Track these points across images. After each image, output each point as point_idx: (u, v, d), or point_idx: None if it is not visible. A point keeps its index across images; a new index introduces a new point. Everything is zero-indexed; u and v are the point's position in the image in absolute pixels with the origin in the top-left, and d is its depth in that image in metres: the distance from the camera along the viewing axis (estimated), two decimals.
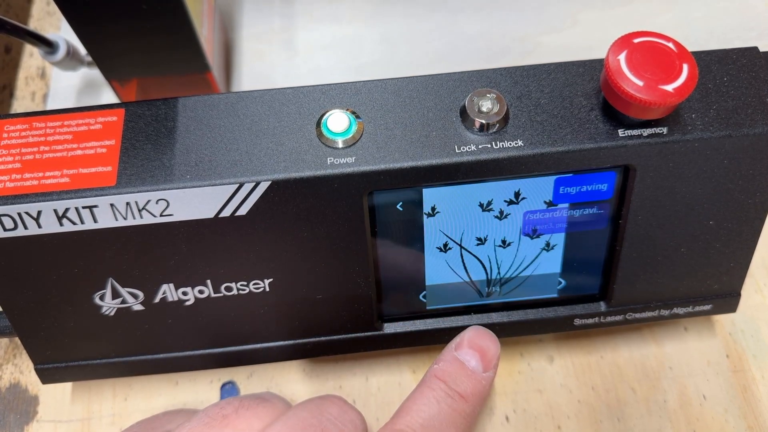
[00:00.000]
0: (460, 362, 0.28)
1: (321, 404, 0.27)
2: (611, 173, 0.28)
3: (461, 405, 0.27)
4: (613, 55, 0.26)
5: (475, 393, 0.27)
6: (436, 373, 0.27)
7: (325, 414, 0.26)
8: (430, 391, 0.27)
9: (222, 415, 0.26)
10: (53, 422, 0.35)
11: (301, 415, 0.26)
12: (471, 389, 0.27)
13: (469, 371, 0.27)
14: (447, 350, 0.29)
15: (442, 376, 0.27)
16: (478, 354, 0.28)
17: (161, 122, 0.28)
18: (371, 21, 0.45)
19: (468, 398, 0.27)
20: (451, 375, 0.27)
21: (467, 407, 0.27)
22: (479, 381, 0.27)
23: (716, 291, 0.32)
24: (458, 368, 0.28)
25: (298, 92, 0.28)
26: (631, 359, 0.35)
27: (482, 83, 0.28)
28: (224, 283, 0.29)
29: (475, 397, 0.27)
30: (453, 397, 0.27)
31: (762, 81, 0.28)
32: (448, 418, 0.26)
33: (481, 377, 0.28)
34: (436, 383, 0.27)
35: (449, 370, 0.27)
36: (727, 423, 0.33)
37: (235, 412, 0.26)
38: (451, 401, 0.27)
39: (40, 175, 0.27)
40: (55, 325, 0.30)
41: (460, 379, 0.27)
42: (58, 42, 0.39)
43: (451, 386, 0.27)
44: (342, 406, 0.27)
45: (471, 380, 0.27)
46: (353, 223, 0.28)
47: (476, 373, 0.28)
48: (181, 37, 0.35)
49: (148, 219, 0.27)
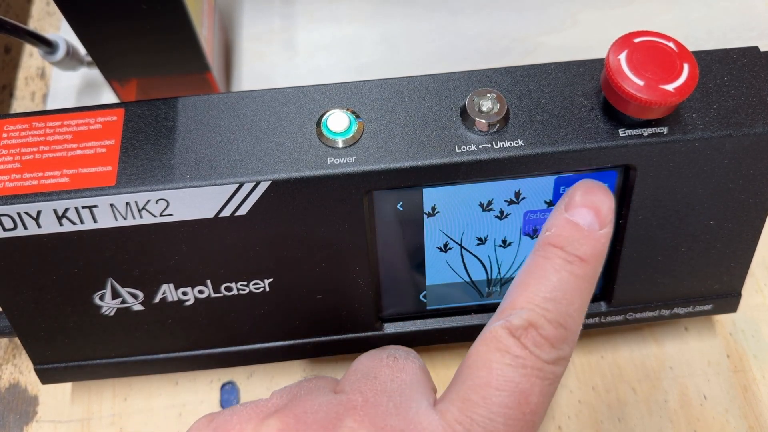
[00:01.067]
0: (573, 223, 0.25)
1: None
2: (612, 173, 0.28)
3: (583, 270, 0.24)
4: (614, 55, 0.26)
5: (594, 254, 0.24)
6: (550, 240, 0.25)
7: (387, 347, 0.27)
8: (546, 261, 0.24)
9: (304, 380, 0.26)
10: (53, 422, 0.35)
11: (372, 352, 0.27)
12: (590, 250, 0.24)
13: (585, 231, 0.24)
14: (557, 213, 0.25)
15: (558, 242, 0.24)
16: (593, 211, 0.25)
17: (161, 122, 0.28)
18: (371, 21, 0.45)
19: (589, 260, 0.24)
20: (567, 239, 0.24)
21: (589, 270, 0.24)
22: (598, 240, 0.25)
23: (717, 291, 0.32)
24: (573, 230, 0.25)
25: (298, 92, 0.28)
26: (631, 359, 0.35)
27: (482, 83, 0.28)
28: (224, 283, 0.29)
29: (594, 258, 0.24)
30: (573, 263, 0.24)
31: (762, 81, 0.28)
32: (572, 285, 0.24)
33: (599, 235, 0.25)
34: (551, 251, 0.24)
35: (564, 234, 0.25)
36: (727, 423, 0.33)
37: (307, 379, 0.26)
38: (572, 267, 0.24)
39: (40, 175, 0.27)
40: (54, 326, 0.30)
41: (577, 242, 0.24)
42: (57, 42, 0.39)
43: (569, 251, 0.24)
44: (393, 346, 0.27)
45: (590, 241, 0.24)
46: (353, 223, 0.28)
47: (593, 231, 0.25)
48: (181, 37, 0.35)
49: (147, 219, 0.27)
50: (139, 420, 0.34)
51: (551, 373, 0.23)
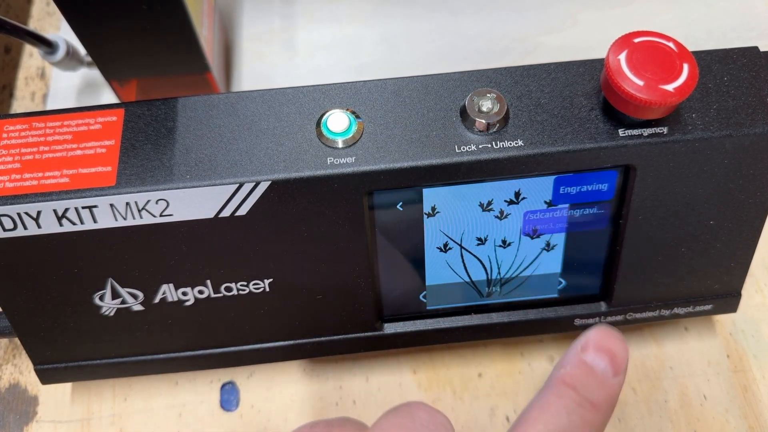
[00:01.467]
0: (588, 366, 0.25)
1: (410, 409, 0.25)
2: (612, 173, 0.28)
3: (594, 415, 0.24)
4: (614, 55, 0.26)
5: (607, 401, 0.24)
6: (565, 378, 0.25)
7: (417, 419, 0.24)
8: (559, 400, 0.24)
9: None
10: (53, 422, 0.35)
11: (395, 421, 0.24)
12: (603, 397, 0.24)
13: (600, 377, 0.25)
14: (572, 352, 0.26)
15: (571, 382, 0.24)
16: (608, 357, 0.25)
17: (161, 122, 0.28)
18: (371, 21, 0.45)
19: (600, 407, 0.24)
20: (581, 381, 0.24)
21: (599, 417, 0.24)
22: (611, 387, 0.25)
23: (717, 291, 0.32)
24: (587, 373, 0.25)
25: (297, 92, 0.28)
26: (631, 359, 0.35)
27: (482, 83, 0.28)
28: (224, 283, 0.29)
29: (607, 405, 0.24)
30: (584, 407, 0.24)
31: (762, 81, 0.28)
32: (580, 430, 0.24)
33: (613, 383, 0.25)
34: (565, 390, 0.24)
35: (578, 375, 0.25)
36: (727, 423, 0.33)
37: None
38: (583, 411, 0.24)
39: (40, 175, 0.27)
40: (54, 326, 0.30)
41: (591, 387, 0.24)
42: (57, 42, 0.39)
43: (581, 394, 0.24)
44: (429, 410, 0.25)
45: (603, 387, 0.24)
46: (353, 223, 0.28)
47: (607, 378, 0.25)
48: (181, 38, 0.35)
49: (147, 219, 0.27)
50: (139, 420, 0.34)
51: None
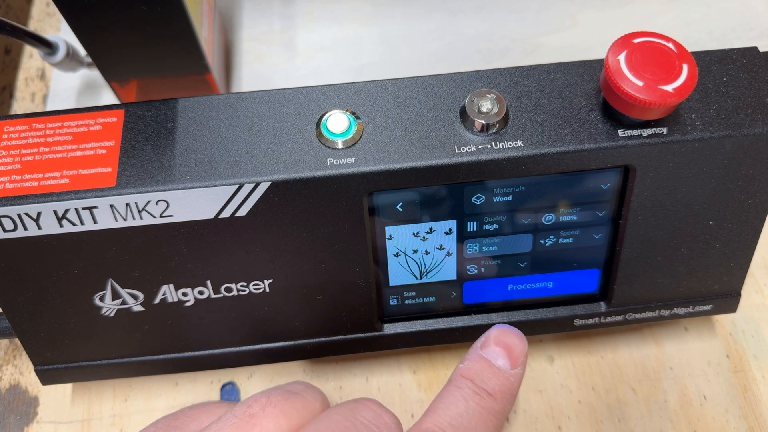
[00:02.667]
0: (486, 360, 0.27)
1: (355, 407, 0.26)
2: (611, 173, 0.28)
3: (490, 403, 0.26)
4: (613, 56, 0.26)
5: (503, 390, 0.27)
6: (462, 372, 0.27)
7: (359, 417, 0.25)
8: (457, 390, 0.26)
9: (249, 414, 0.25)
10: (53, 423, 0.35)
11: (334, 418, 0.25)
12: (499, 387, 0.26)
13: (496, 369, 0.27)
14: (472, 349, 0.28)
15: (469, 375, 0.27)
16: (505, 351, 0.27)
17: (161, 123, 0.28)
18: (371, 22, 0.45)
19: (496, 396, 0.26)
20: (477, 373, 0.27)
21: (496, 405, 0.26)
22: (507, 378, 0.27)
23: (716, 291, 0.32)
24: (485, 366, 0.27)
25: (297, 93, 0.28)
26: (631, 359, 0.35)
27: (482, 84, 0.28)
28: (224, 283, 0.29)
29: (503, 394, 0.26)
30: (481, 395, 0.26)
31: (762, 81, 0.28)
32: (477, 416, 0.26)
33: (509, 374, 0.27)
34: (462, 382, 0.26)
35: (475, 368, 0.27)
36: (727, 423, 0.33)
37: (262, 410, 0.25)
38: (479, 399, 0.26)
39: (40, 176, 0.27)
40: (55, 326, 0.30)
41: (487, 377, 0.27)
42: (57, 43, 0.39)
43: (478, 384, 0.26)
44: (376, 409, 0.26)
45: (499, 378, 0.27)
46: (353, 224, 0.28)
47: (504, 370, 0.27)
48: (181, 38, 0.35)
49: (148, 220, 0.27)
50: (140, 420, 0.34)
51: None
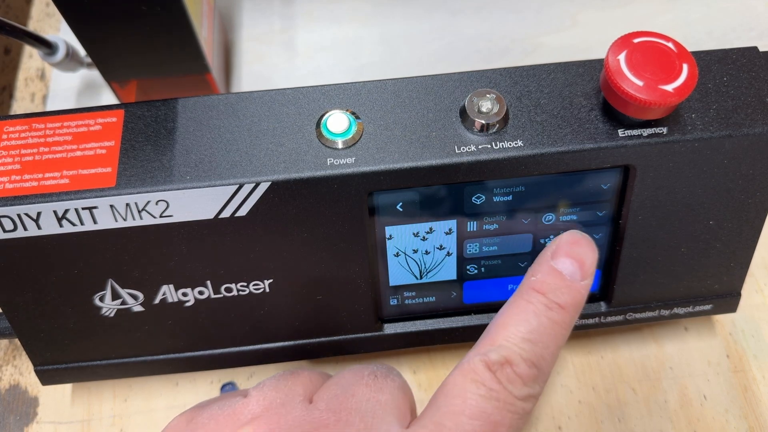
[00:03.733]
0: (557, 272, 0.26)
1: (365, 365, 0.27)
2: (611, 173, 0.28)
3: (561, 316, 0.26)
4: (613, 55, 0.26)
5: (574, 303, 0.26)
6: (534, 285, 0.26)
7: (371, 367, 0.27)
8: (528, 305, 0.26)
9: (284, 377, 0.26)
10: (53, 423, 0.35)
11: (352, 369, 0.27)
12: (570, 299, 0.26)
13: (568, 281, 0.26)
14: (543, 259, 0.27)
15: (541, 288, 0.26)
16: (577, 263, 0.26)
17: (161, 123, 0.28)
18: (371, 22, 0.45)
19: (568, 308, 0.26)
20: (549, 286, 0.26)
21: (567, 318, 0.26)
22: (579, 291, 0.26)
23: (716, 291, 0.32)
24: (557, 278, 0.26)
25: (297, 93, 0.28)
26: (631, 359, 0.35)
27: (482, 83, 0.28)
28: (224, 284, 0.29)
29: (573, 307, 0.26)
30: (553, 309, 0.25)
31: (762, 81, 0.28)
32: (550, 331, 0.25)
33: (579, 286, 0.26)
34: (534, 296, 0.26)
35: (547, 281, 0.26)
36: (728, 423, 0.33)
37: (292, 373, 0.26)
38: (552, 313, 0.25)
39: (40, 176, 0.27)
40: (54, 327, 0.30)
41: (559, 290, 0.26)
42: (57, 43, 0.39)
43: (550, 298, 0.26)
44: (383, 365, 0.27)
45: (571, 290, 0.26)
46: (353, 224, 0.28)
47: (575, 282, 0.26)
48: (181, 39, 0.35)
49: (147, 220, 0.27)
50: (140, 421, 0.34)
51: (521, 408, 0.24)
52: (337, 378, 0.26)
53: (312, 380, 0.27)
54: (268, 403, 0.25)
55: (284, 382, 0.26)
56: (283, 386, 0.26)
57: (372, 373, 0.26)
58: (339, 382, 0.26)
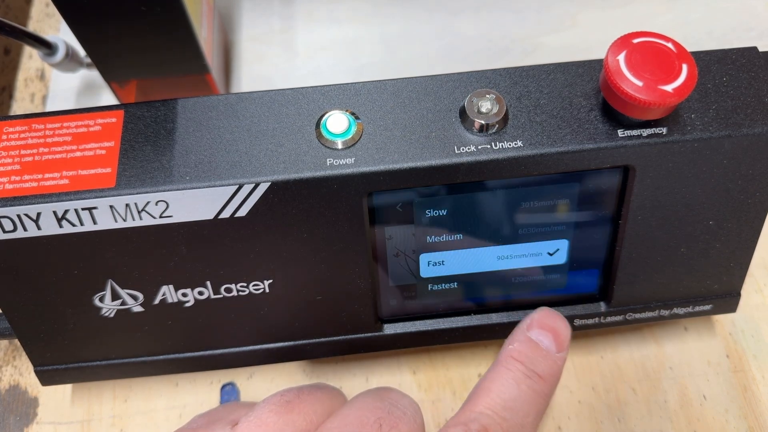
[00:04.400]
0: (534, 342, 0.27)
1: (380, 391, 0.27)
2: (611, 173, 0.28)
3: (540, 386, 0.26)
4: (613, 56, 0.26)
5: (551, 374, 0.27)
6: (513, 354, 0.27)
7: (387, 399, 0.26)
8: (509, 372, 0.26)
9: (285, 401, 0.26)
10: (53, 424, 0.35)
11: (366, 400, 0.26)
12: (548, 370, 0.27)
13: (544, 351, 0.27)
14: (519, 331, 0.28)
15: (519, 357, 0.27)
16: (551, 334, 0.27)
17: (160, 123, 0.28)
18: (371, 22, 0.45)
19: (546, 379, 0.26)
20: (527, 356, 0.27)
21: (546, 388, 0.26)
22: (555, 361, 0.27)
23: (716, 291, 0.32)
24: (533, 349, 0.27)
25: (297, 93, 0.28)
26: (631, 359, 0.35)
27: (481, 84, 0.28)
28: (224, 284, 0.29)
29: (552, 377, 0.27)
30: (532, 378, 0.26)
31: (761, 81, 0.28)
32: (529, 399, 0.26)
33: (556, 358, 0.27)
34: (513, 364, 0.26)
35: (525, 350, 0.27)
36: (727, 423, 0.33)
37: (297, 397, 0.26)
38: (531, 382, 0.26)
39: (40, 176, 0.27)
40: (54, 327, 0.30)
41: (537, 360, 0.27)
42: (57, 44, 0.39)
43: (528, 367, 0.26)
44: (398, 392, 0.27)
45: (547, 361, 0.27)
46: (353, 224, 0.28)
47: (551, 353, 0.27)
48: (180, 39, 0.35)
49: (147, 220, 0.27)
50: (140, 421, 0.34)
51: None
52: (339, 419, 0.26)
53: (308, 416, 0.26)
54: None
55: (274, 420, 0.25)
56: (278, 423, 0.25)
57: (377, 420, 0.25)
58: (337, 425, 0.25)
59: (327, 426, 0.25)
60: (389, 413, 0.25)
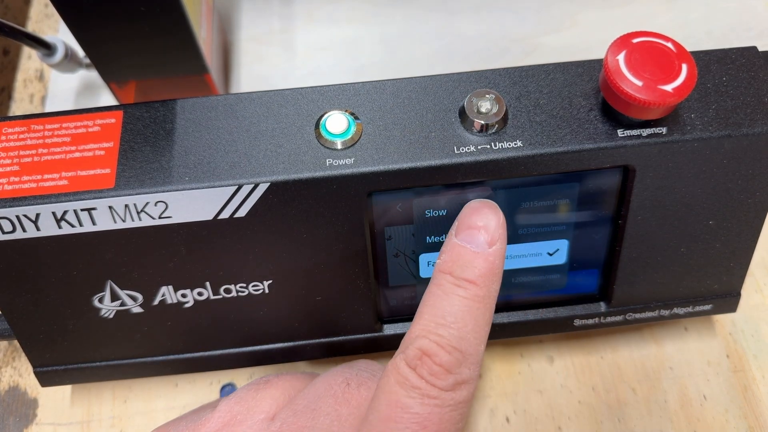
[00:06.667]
0: (461, 246, 0.25)
1: (350, 363, 0.28)
2: (611, 173, 0.28)
3: (474, 291, 0.24)
4: (612, 56, 0.26)
5: (484, 274, 0.25)
6: (440, 267, 0.25)
7: (355, 365, 0.27)
8: (437, 288, 0.25)
9: (265, 381, 0.26)
10: (53, 425, 0.35)
11: (335, 369, 0.27)
12: (479, 271, 0.25)
13: (472, 253, 0.25)
14: (447, 239, 0.26)
15: (445, 268, 0.25)
16: (479, 231, 0.25)
17: (160, 124, 0.28)
18: (370, 22, 0.45)
19: (478, 281, 0.24)
20: (454, 263, 0.25)
21: (480, 291, 0.24)
22: (485, 259, 0.25)
23: (716, 291, 0.32)
24: (460, 254, 0.25)
25: (296, 93, 0.28)
26: (631, 359, 0.35)
27: (481, 84, 0.28)
28: (223, 285, 0.29)
29: (486, 278, 0.25)
30: (462, 286, 0.24)
31: (761, 80, 0.28)
32: (462, 307, 0.24)
33: (488, 254, 0.25)
34: (441, 277, 0.25)
35: (451, 259, 0.25)
36: (727, 423, 0.33)
37: (276, 377, 0.27)
38: (461, 290, 0.24)
39: (39, 177, 0.27)
40: (54, 328, 0.30)
41: (465, 265, 0.25)
42: (56, 44, 0.39)
43: (456, 275, 0.25)
44: (368, 361, 0.28)
45: (477, 261, 0.25)
46: (352, 225, 0.28)
47: (481, 252, 0.25)
48: (180, 39, 0.35)
49: (146, 221, 0.27)
50: (139, 422, 0.34)
51: (451, 399, 0.23)
52: (310, 387, 0.26)
53: (285, 390, 0.26)
54: (229, 419, 0.25)
55: (252, 395, 0.26)
56: (249, 399, 0.26)
57: (345, 380, 0.25)
58: (309, 393, 0.26)
59: (299, 394, 0.26)
60: (357, 374, 0.26)
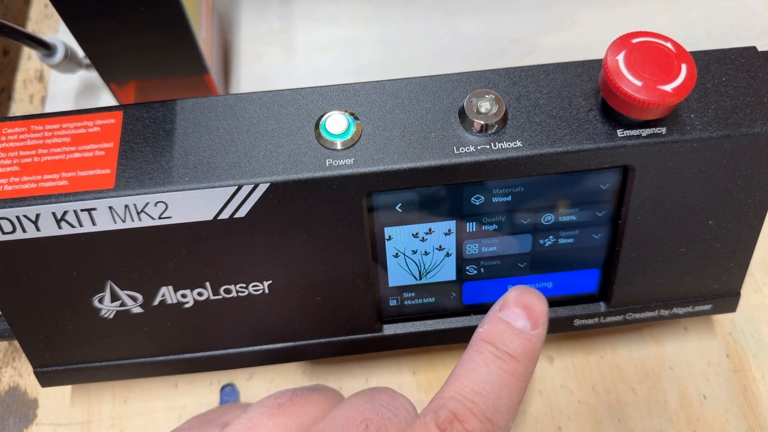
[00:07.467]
0: (505, 322, 0.26)
1: (373, 392, 0.27)
2: (610, 173, 0.28)
3: (512, 365, 0.25)
4: (612, 56, 0.26)
5: (525, 352, 0.26)
6: (482, 336, 0.26)
7: (377, 400, 0.26)
8: (478, 355, 0.25)
9: (278, 404, 0.26)
10: (53, 425, 0.35)
11: (356, 401, 0.26)
12: (521, 348, 0.26)
13: (516, 330, 0.26)
14: (491, 312, 0.27)
15: (488, 338, 0.26)
16: (525, 312, 0.26)
17: (159, 124, 0.28)
18: (370, 22, 0.45)
19: (519, 358, 0.25)
20: (498, 336, 0.26)
21: (519, 367, 0.25)
22: (529, 339, 0.26)
23: (716, 291, 0.32)
24: (505, 328, 0.26)
25: (296, 94, 0.28)
26: (631, 359, 0.35)
27: (481, 84, 0.28)
28: (223, 285, 0.29)
29: (526, 356, 0.26)
30: (502, 358, 0.25)
31: (760, 80, 0.28)
32: (500, 380, 0.25)
33: (530, 335, 0.26)
34: (483, 346, 0.26)
35: (495, 330, 0.26)
36: (727, 423, 0.33)
37: (290, 400, 0.26)
38: (501, 363, 0.25)
39: (39, 178, 0.27)
40: (54, 328, 0.30)
41: (508, 339, 0.26)
42: (56, 44, 0.39)
43: (499, 347, 0.25)
44: (392, 393, 0.27)
45: (520, 339, 0.26)
46: (353, 225, 0.28)
47: (524, 331, 0.26)
48: (179, 39, 0.35)
49: (146, 221, 0.27)
50: (139, 422, 0.34)
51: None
52: (327, 422, 0.26)
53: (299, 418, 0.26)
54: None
55: (264, 421, 0.25)
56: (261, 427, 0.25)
57: (365, 422, 0.25)
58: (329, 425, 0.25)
59: (315, 428, 0.25)
60: (378, 414, 0.25)
